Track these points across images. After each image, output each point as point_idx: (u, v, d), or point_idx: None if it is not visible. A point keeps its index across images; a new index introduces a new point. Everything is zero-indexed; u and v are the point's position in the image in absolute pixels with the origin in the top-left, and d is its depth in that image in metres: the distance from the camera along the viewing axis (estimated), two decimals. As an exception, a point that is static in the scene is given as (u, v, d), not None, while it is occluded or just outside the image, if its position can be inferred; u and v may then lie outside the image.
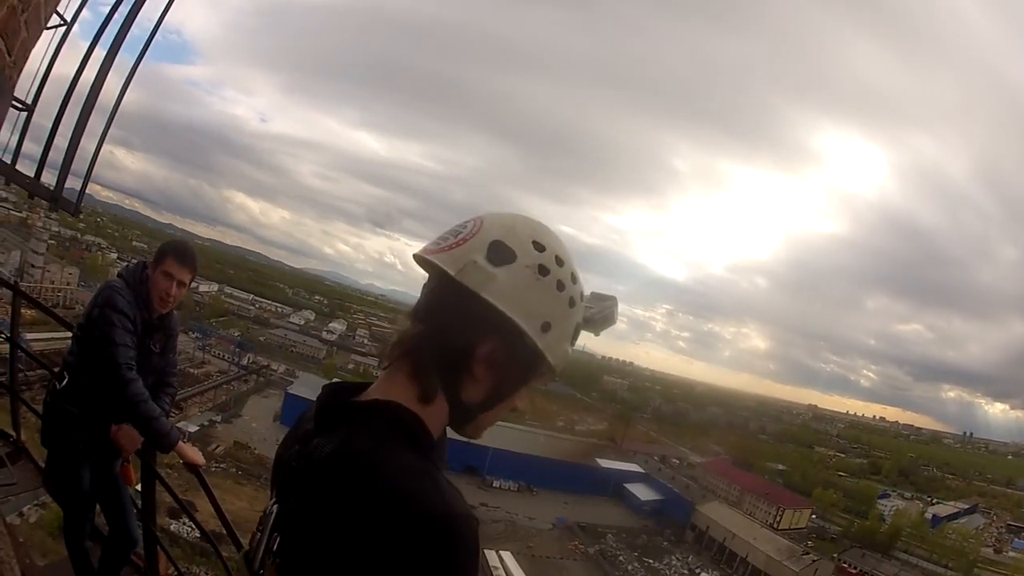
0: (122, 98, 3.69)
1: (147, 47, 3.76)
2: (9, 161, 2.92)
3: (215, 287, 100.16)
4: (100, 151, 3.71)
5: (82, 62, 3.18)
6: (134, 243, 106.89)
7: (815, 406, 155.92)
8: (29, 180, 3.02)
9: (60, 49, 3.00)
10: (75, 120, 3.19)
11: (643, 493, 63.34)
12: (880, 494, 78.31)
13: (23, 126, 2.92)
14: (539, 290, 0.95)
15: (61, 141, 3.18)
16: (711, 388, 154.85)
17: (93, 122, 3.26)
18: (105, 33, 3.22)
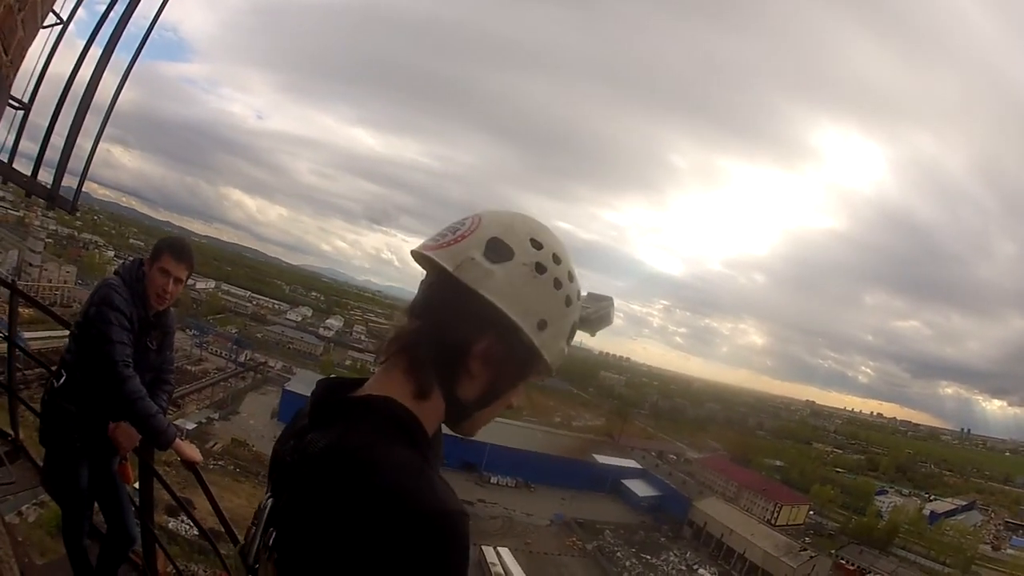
0: (118, 96, 3.69)
1: (143, 45, 3.77)
2: (6, 160, 2.93)
3: (212, 284, 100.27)
4: (96, 149, 3.72)
5: (78, 60, 3.18)
6: (131, 241, 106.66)
7: (813, 402, 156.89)
8: (26, 179, 3.03)
9: (56, 48, 3.00)
10: (72, 118, 3.20)
11: (641, 489, 63.36)
12: (878, 490, 78.45)
13: (20, 125, 2.93)
14: (536, 287, 0.96)
15: (58, 139, 3.19)
16: (708, 384, 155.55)
17: (89, 120, 3.27)
18: (101, 31, 3.23)
